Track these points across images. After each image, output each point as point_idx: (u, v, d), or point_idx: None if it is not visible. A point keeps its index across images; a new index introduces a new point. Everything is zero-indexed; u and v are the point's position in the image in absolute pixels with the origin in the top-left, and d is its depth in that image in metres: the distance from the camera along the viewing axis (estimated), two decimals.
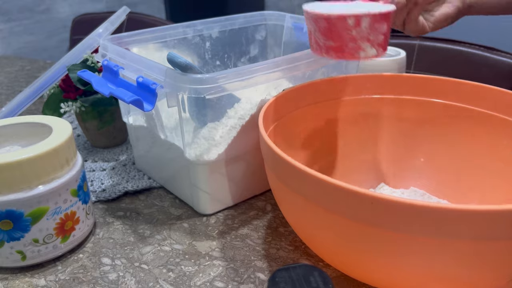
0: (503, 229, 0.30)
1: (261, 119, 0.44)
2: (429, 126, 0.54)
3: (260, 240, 0.50)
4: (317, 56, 0.51)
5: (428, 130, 0.54)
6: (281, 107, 0.50)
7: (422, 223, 0.30)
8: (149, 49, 0.63)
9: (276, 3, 2.78)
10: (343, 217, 0.34)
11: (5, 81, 1.08)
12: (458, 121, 0.52)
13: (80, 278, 0.45)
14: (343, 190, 0.32)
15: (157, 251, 0.49)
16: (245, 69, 0.47)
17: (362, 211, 0.32)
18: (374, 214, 0.32)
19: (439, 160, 0.54)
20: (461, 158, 0.52)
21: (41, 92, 0.63)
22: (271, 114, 0.49)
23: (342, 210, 0.33)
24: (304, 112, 0.53)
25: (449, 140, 0.53)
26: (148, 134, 0.59)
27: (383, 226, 0.32)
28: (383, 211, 0.31)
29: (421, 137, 0.55)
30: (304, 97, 0.53)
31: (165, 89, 0.47)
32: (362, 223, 0.33)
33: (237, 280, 0.44)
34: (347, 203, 0.33)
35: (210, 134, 0.50)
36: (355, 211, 0.32)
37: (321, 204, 0.35)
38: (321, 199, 0.34)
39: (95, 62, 0.63)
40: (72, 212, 0.47)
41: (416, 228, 0.31)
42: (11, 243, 0.44)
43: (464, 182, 0.51)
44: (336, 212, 0.34)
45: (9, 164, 0.42)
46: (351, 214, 0.33)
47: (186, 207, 0.56)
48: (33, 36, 2.13)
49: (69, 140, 0.46)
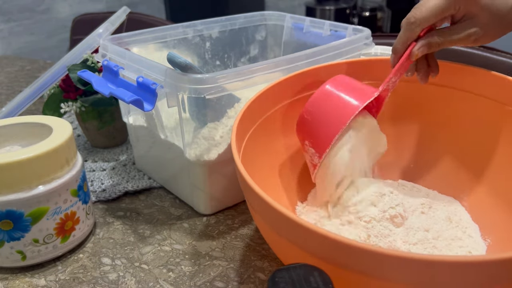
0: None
1: (234, 137, 0.41)
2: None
3: (260, 240, 0.50)
4: (317, 57, 0.51)
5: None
6: (255, 112, 0.48)
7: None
8: (149, 49, 0.63)
9: (276, 3, 2.78)
10: (315, 256, 0.31)
11: (5, 81, 1.08)
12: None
13: (80, 278, 0.45)
14: (314, 233, 0.30)
15: (157, 251, 0.49)
16: (245, 69, 0.47)
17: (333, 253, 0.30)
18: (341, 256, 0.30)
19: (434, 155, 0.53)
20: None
21: (41, 92, 0.63)
22: (245, 123, 0.46)
23: (312, 249, 0.31)
24: (279, 111, 0.51)
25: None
26: (148, 134, 0.59)
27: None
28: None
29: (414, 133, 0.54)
30: (278, 96, 0.50)
31: (165, 89, 0.47)
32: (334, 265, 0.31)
33: (237, 280, 0.44)
34: (323, 246, 0.30)
35: (210, 134, 0.50)
36: (329, 254, 0.30)
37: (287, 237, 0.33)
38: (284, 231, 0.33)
39: (95, 62, 0.63)
40: (72, 212, 0.47)
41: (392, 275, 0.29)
42: (11, 243, 0.44)
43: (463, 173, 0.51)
44: (306, 250, 0.32)
45: (9, 164, 0.42)
46: (325, 256, 0.31)
47: (186, 207, 0.56)
48: (33, 36, 2.12)
49: (69, 140, 0.46)
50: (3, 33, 2.01)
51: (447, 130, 0.53)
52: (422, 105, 0.53)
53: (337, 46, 0.54)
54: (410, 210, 0.47)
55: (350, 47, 0.56)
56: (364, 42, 0.58)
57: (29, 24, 2.11)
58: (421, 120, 0.54)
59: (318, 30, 0.66)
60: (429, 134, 0.54)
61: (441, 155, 0.53)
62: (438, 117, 0.53)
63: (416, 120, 0.55)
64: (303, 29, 0.68)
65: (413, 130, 0.55)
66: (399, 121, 0.55)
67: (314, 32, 0.67)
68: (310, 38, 0.68)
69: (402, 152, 0.55)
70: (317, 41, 0.66)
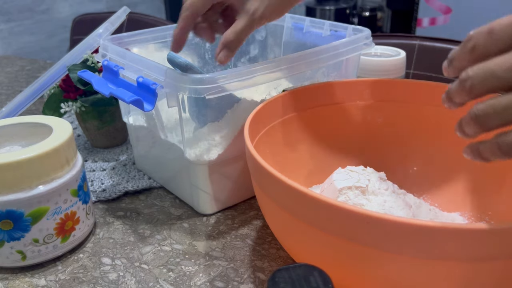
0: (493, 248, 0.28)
1: (247, 127, 0.43)
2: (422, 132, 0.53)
3: (260, 240, 0.50)
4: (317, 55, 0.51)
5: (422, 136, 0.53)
6: (272, 111, 0.50)
7: (410, 243, 0.29)
8: (149, 49, 0.63)
9: None
10: (328, 233, 0.32)
11: (5, 81, 1.08)
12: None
13: (80, 278, 0.45)
14: (326, 204, 0.31)
15: (157, 251, 0.49)
16: (245, 69, 0.47)
17: (350, 228, 0.31)
18: (358, 230, 0.31)
19: (436, 169, 0.53)
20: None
21: (41, 92, 0.63)
22: (261, 120, 0.48)
23: (322, 225, 0.32)
24: (294, 118, 0.52)
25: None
26: (148, 134, 0.59)
27: (368, 244, 0.31)
28: (370, 229, 0.30)
29: (414, 145, 0.54)
30: (294, 102, 0.52)
31: (165, 89, 0.47)
32: (346, 240, 0.32)
33: (237, 280, 0.44)
34: (331, 219, 0.31)
35: (210, 134, 0.50)
36: (340, 228, 0.31)
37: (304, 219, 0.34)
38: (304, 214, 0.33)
39: (95, 62, 0.63)
40: (72, 212, 0.47)
41: (404, 249, 0.30)
42: (11, 243, 0.44)
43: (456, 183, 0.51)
44: (319, 227, 0.33)
45: (9, 164, 0.42)
46: (337, 231, 0.32)
47: (186, 207, 0.56)
48: (33, 36, 2.13)
49: (69, 140, 0.47)
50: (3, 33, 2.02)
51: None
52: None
53: (337, 46, 0.54)
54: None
55: (350, 47, 0.56)
56: (364, 42, 0.58)
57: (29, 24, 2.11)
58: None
59: (318, 30, 0.66)
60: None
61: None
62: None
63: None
64: (303, 29, 0.68)
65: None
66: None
67: (314, 32, 0.67)
68: (310, 38, 0.68)
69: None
70: (317, 41, 0.66)
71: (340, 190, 0.45)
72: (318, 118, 0.54)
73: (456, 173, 0.52)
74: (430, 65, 0.92)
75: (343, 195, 0.45)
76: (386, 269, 0.32)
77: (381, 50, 0.72)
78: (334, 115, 0.55)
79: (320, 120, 0.54)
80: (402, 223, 0.29)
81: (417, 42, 0.93)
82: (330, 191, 0.46)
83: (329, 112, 0.54)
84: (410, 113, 0.53)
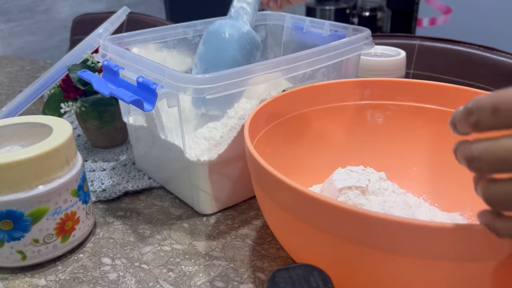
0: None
1: (247, 127, 0.43)
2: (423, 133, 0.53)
3: (260, 240, 0.50)
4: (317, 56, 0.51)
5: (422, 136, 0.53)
6: (272, 111, 0.50)
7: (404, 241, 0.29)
8: (149, 49, 0.63)
9: None
10: (328, 233, 0.33)
11: (5, 81, 1.08)
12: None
13: (80, 278, 0.45)
14: (324, 204, 0.31)
15: (157, 251, 0.49)
16: (245, 69, 0.47)
17: (347, 227, 0.31)
18: (356, 229, 0.31)
19: (436, 169, 0.53)
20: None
21: (41, 92, 0.63)
22: (261, 120, 0.48)
23: (322, 225, 0.32)
24: (294, 118, 0.52)
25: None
26: (148, 134, 0.59)
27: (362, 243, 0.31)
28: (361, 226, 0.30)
29: (414, 145, 0.54)
30: (294, 102, 0.52)
31: (165, 89, 0.47)
32: (346, 240, 0.32)
33: (237, 280, 0.44)
34: (330, 217, 0.31)
35: (210, 134, 0.50)
36: (340, 228, 0.31)
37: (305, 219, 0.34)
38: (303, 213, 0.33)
39: (95, 62, 0.63)
40: (72, 212, 0.47)
41: (398, 247, 0.30)
42: (11, 243, 0.44)
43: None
44: (319, 227, 0.33)
45: (9, 164, 0.42)
46: (334, 230, 0.32)
47: (186, 207, 0.56)
48: (33, 36, 2.13)
49: (69, 140, 0.47)
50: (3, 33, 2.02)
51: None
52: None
53: (337, 46, 0.54)
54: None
55: (350, 47, 0.56)
56: (364, 42, 0.58)
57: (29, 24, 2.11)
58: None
59: (318, 30, 0.66)
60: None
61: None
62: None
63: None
64: (303, 29, 0.68)
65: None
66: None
67: (314, 32, 0.67)
68: (310, 38, 0.68)
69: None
70: (317, 41, 0.66)
71: (340, 190, 0.45)
72: (318, 118, 0.54)
73: (456, 173, 0.51)
74: (430, 65, 0.92)
75: (343, 195, 0.45)
76: (386, 269, 0.32)
77: (381, 50, 0.72)
78: (334, 115, 0.55)
79: (320, 120, 0.54)
80: (402, 223, 0.29)
81: (417, 42, 0.93)
82: (330, 191, 0.46)
83: (329, 112, 0.54)
84: (410, 113, 0.53)
